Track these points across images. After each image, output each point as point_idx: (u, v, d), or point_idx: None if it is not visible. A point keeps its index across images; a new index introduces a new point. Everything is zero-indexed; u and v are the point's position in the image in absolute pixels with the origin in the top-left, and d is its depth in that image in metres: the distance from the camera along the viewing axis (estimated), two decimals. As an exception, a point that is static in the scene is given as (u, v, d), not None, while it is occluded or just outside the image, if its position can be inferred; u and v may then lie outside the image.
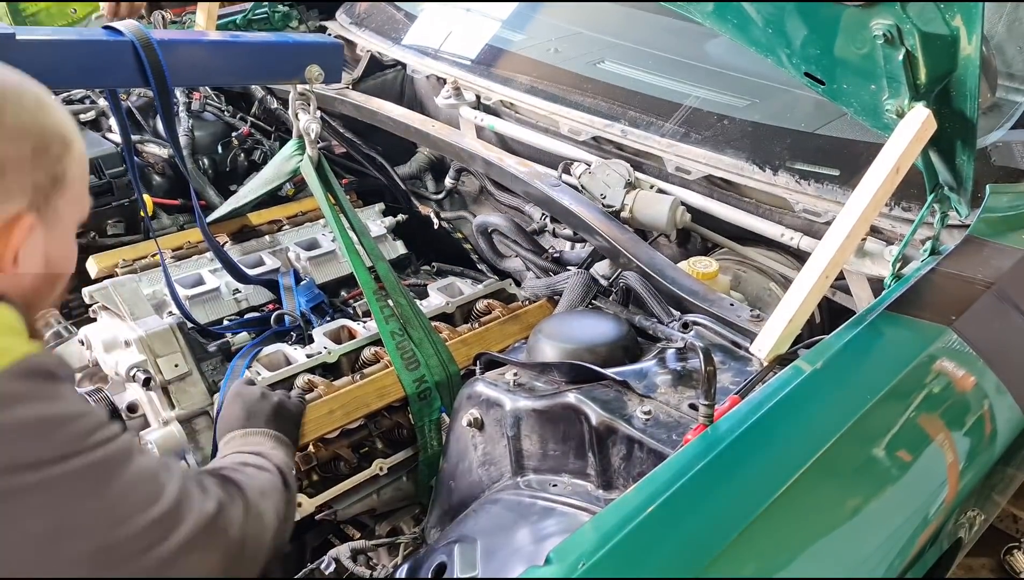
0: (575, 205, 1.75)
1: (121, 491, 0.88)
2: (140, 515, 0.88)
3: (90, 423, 0.89)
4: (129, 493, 0.89)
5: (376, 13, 2.63)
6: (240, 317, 1.81)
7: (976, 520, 1.50)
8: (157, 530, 0.89)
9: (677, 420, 1.24)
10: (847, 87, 1.32)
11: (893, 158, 1.25)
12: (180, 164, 1.73)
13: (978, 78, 1.20)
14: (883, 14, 1.17)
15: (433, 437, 1.54)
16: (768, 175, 1.73)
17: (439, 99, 2.21)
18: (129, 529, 0.87)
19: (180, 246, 1.93)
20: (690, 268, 1.63)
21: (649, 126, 1.92)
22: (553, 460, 1.32)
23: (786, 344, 1.25)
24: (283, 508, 1.14)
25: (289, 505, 1.17)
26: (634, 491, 0.96)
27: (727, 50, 2.07)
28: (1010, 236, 1.55)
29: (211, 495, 0.97)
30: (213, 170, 2.30)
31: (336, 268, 1.99)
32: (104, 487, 0.87)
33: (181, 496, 0.93)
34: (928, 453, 1.21)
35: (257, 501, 1.06)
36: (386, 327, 1.55)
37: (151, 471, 0.93)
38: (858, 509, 1.09)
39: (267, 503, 1.08)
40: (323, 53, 1.65)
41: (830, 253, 1.24)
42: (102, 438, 0.89)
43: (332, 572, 1.35)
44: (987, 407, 1.33)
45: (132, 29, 1.43)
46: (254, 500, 1.05)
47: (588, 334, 1.44)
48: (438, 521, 1.43)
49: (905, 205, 1.59)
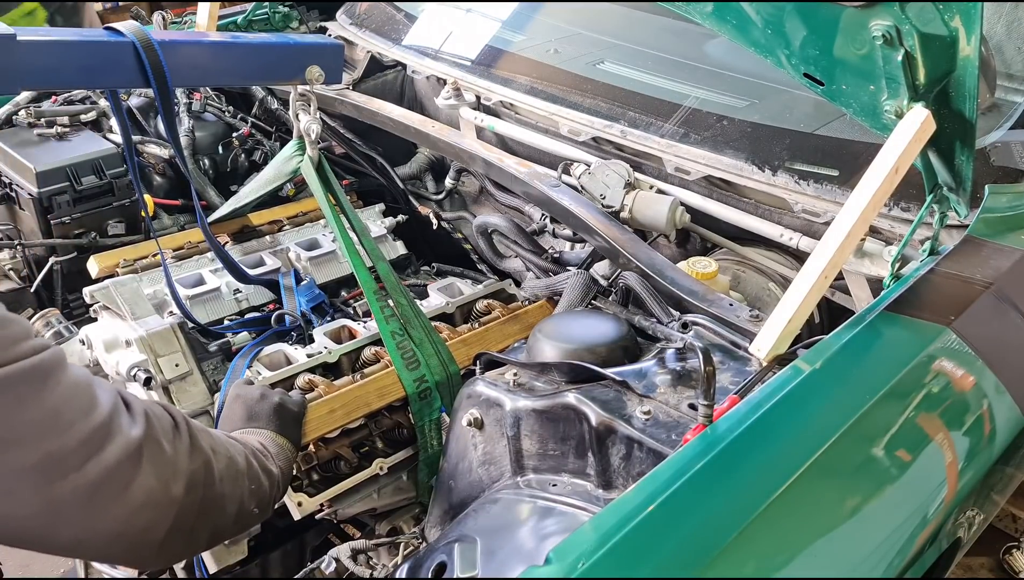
0: (575, 205, 1.76)
1: (61, 398, 0.87)
2: (80, 424, 0.86)
3: (21, 328, 0.87)
4: (68, 401, 0.87)
5: (376, 14, 2.63)
6: (241, 317, 1.82)
7: (975, 520, 1.50)
8: (92, 443, 0.87)
9: (676, 420, 1.24)
10: (846, 88, 1.32)
11: (892, 158, 1.26)
12: (181, 164, 1.73)
13: (977, 79, 1.20)
14: (882, 15, 1.17)
15: (433, 437, 1.54)
16: (767, 175, 1.74)
17: (439, 100, 2.21)
18: (69, 439, 0.85)
19: (181, 246, 1.93)
20: (689, 268, 1.63)
21: (648, 127, 1.92)
22: (553, 460, 1.32)
23: (785, 344, 1.26)
24: (244, 469, 1.10)
25: (261, 474, 1.14)
26: (634, 491, 0.96)
27: (726, 51, 2.07)
28: (1009, 236, 1.55)
29: (138, 420, 0.94)
30: (214, 170, 2.31)
31: (336, 268, 1.99)
32: (43, 394, 0.85)
33: (113, 412, 0.91)
34: (927, 453, 1.21)
35: (188, 434, 1.01)
36: (386, 327, 1.55)
37: (85, 380, 0.91)
38: (857, 509, 1.09)
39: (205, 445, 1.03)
40: (324, 54, 1.65)
41: (829, 253, 1.24)
42: (35, 345, 0.87)
43: (332, 572, 1.36)
44: (986, 407, 1.33)
45: (133, 30, 1.44)
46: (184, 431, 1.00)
47: (588, 334, 1.44)
48: (438, 521, 1.44)
49: (904, 205, 1.59)
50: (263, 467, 1.15)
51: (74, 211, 2.00)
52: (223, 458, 1.05)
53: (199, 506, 0.99)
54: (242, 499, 1.09)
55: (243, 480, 1.09)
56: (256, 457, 1.15)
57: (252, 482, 1.11)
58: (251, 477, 1.11)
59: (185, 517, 0.97)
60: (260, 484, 1.14)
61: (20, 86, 1.40)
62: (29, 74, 1.33)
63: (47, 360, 0.87)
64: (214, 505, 1.02)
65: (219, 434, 1.11)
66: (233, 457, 1.09)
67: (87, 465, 0.86)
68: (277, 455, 1.27)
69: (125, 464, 0.89)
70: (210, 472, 1.01)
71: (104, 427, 0.89)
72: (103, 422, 0.89)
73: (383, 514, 1.58)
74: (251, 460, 1.12)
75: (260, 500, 1.13)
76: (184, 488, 0.96)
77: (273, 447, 1.28)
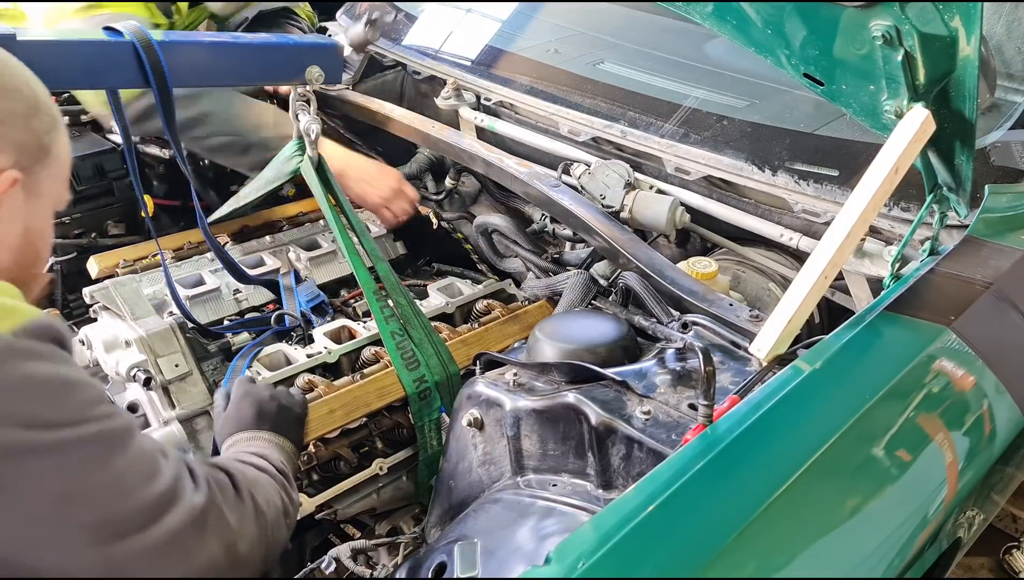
0: (575, 206, 1.76)
1: (126, 464, 0.89)
2: (142, 491, 0.89)
3: (97, 392, 0.90)
4: (132, 467, 0.90)
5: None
6: (240, 317, 1.82)
7: (975, 520, 1.50)
8: (154, 509, 0.89)
9: (676, 420, 1.24)
10: (846, 88, 1.32)
11: (892, 158, 1.25)
12: (181, 165, 1.73)
13: (977, 78, 1.20)
14: (882, 15, 1.17)
15: (433, 437, 1.54)
16: (767, 175, 1.74)
17: (439, 100, 2.21)
18: (131, 504, 0.88)
19: (181, 246, 1.93)
20: (689, 268, 1.63)
21: (648, 127, 1.92)
22: (553, 460, 1.32)
23: (785, 344, 1.25)
24: (281, 507, 1.13)
25: (289, 505, 1.17)
26: (634, 491, 0.96)
27: (726, 51, 2.07)
28: (1009, 236, 1.55)
29: (201, 488, 0.97)
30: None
31: (336, 268, 1.99)
32: (112, 458, 0.88)
33: (176, 481, 0.93)
34: (927, 453, 1.21)
35: (251, 499, 1.05)
36: (386, 327, 1.55)
37: (151, 450, 0.94)
38: (857, 509, 1.09)
39: (262, 502, 1.08)
40: (323, 54, 1.65)
41: (829, 253, 1.24)
42: (109, 410, 0.90)
43: (332, 572, 1.36)
44: (986, 407, 1.33)
45: (132, 30, 1.44)
46: (247, 497, 1.05)
47: (588, 334, 1.44)
48: (438, 521, 1.44)
49: (904, 205, 1.59)
50: (291, 499, 1.18)
51: (74, 211, 2.01)
52: (273, 509, 1.09)
53: (261, 559, 1.04)
54: (280, 537, 1.13)
55: (283, 519, 1.13)
56: (286, 490, 1.17)
57: (287, 518, 1.15)
58: (286, 513, 1.15)
59: (247, 569, 1.01)
60: (292, 518, 1.17)
61: (20, 86, 1.40)
62: (29, 74, 1.33)
63: (118, 427, 0.90)
64: (268, 553, 1.07)
65: (261, 477, 1.13)
66: (274, 503, 1.11)
67: (150, 528, 0.89)
68: (286, 463, 1.28)
69: (189, 530, 0.92)
70: (264, 528, 1.05)
71: (167, 495, 0.91)
72: (166, 489, 0.91)
73: (383, 514, 1.58)
74: (283, 496, 1.15)
75: (290, 528, 1.18)
76: (248, 549, 1.00)
77: (281, 455, 1.28)
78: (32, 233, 1.02)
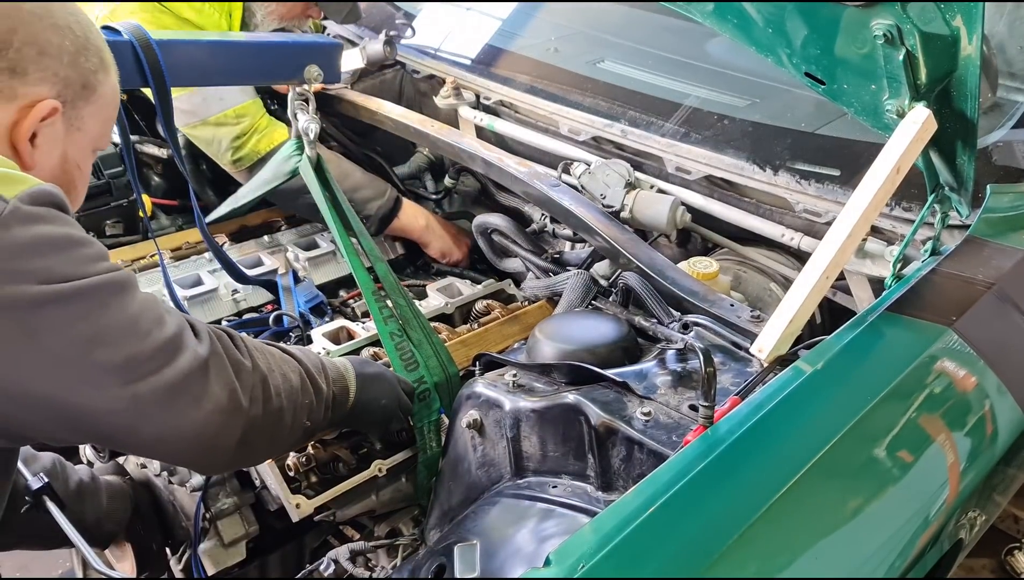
0: (575, 205, 1.75)
1: (138, 308, 0.95)
2: (156, 333, 0.95)
3: (100, 249, 0.97)
4: (144, 311, 0.96)
5: (376, 13, 2.63)
6: (239, 317, 1.81)
7: (977, 521, 1.50)
8: (168, 351, 0.95)
9: (677, 421, 1.24)
10: (847, 87, 1.31)
11: (894, 158, 1.25)
12: (179, 164, 1.73)
13: (979, 78, 1.20)
14: (883, 14, 1.16)
15: (432, 438, 1.53)
16: (768, 175, 1.73)
17: (438, 99, 2.21)
18: (148, 344, 0.94)
19: (179, 246, 1.93)
20: (690, 268, 1.62)
21: (649, 126, 1.92)
22: (553, 461, 1.31)
23: (786, 345, 1.25)
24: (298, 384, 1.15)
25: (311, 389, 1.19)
26: (634, 492, 0.96)
27: (727, 50, 2.07)
28: (1011, 236, 1.54)
29: (204, 339, 1.01)
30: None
31: (335, 269, 1.99)
32: (124, 301, 0.94)
33: (180, 329, 0.99)
34: (929, 454, 1.20)
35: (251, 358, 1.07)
36: (385, 328, 1.55)
37: (153, 298, 1.00)
38: (859, 510, 1.09)
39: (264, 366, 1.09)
40: (322, 53, 1.65)
41: (831, 253, 1.24)
42: (112, 264, 0.97)
43: (331, 573, 1.35)
44: (988, 407, 1.33)
45: (131, 30, 1.43)
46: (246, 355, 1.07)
47: (588, 335, 1.44)
48: (437, 522, 1.43)
49: (906, 205, 1.58)
50: (315, 385, 1.21)
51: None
52: (278, 375, 1.12)
53: (261, 418, 1.06)
54: (295, 412, 1.15)
55: (297, 396, 1.15)
56: (309, 375, 1.20)
57: (305, 397, 1.18)
58: (304, 392, 1.18)
59: (251, 428, 1.04)
60: (311, 399, 1.19)
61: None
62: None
63: (124, 275, 0.97)
64: (273, 418, 1.09)
65: (276, 352, 1.17)
66: (287, 374, 1.15)
67: (164, 370, 0.94)
68: (335, 381, 1.28)
69: (197, 374, 0.97)
70: (267, 388, 1.08)
71: (176, 338, 0.97)
72: (175, 333, 0.97)
73: (382, 516, 1.58)
74: (304, 378, 1.19)
75: (311, 414, 1.19)
76: (248, 401, 1.03)
77: (334, 373, 1.29)
78: (69, 163, 1.09)
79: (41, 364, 0.89)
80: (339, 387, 1.29)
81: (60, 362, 0.90)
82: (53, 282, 0.89)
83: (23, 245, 0.89)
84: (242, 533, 1.49)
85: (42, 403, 0.91)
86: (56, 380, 0.90)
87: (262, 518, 1.52)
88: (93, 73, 1.07)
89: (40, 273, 0.89)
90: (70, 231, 0.95)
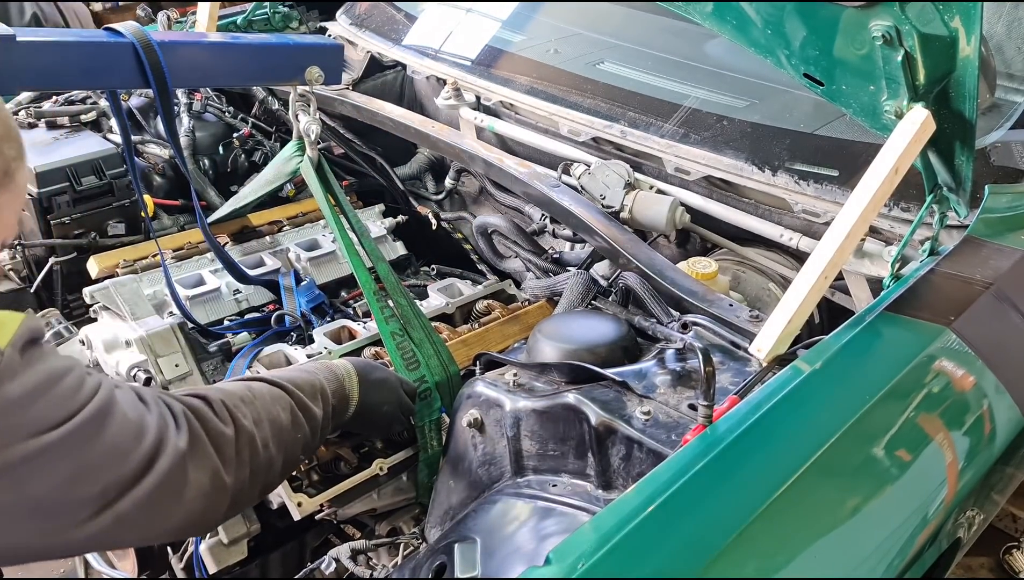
0: (575, 206, 1.76)
1: (117, 430, 0.93)
2: (135, 449, 0.93)
3: (77, 373, 0.94)
4: (123, 430, 0.94)
5: (376, 14, 2.63)
6: (241, 317, 1.81)
7: (975, 520, 1.50)
8: (148, 462, 0.95)
9: (676, 420, 1.24)
10: (846, 88, 1.32)
11: (892, 159, 1.26)
12: (181, 165, 1.73)
13: (977, 79, 1.20)
14: (882, 15, 1.17)
15: (433, 437, 1.54)
16: (767, 176, 1.74)
17: (439, 100, 2.21)
18: (128, 465, 0.92)
19: (181, 246, 1.93)
20: (689, 268, 1.63)
21: (648, 127, 1.92)
22: (553, 460, 1.32)
23: (785, 344, 1.26)
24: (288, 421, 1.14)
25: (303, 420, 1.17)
26: (633, 491, 0.96)
27: (726, 51, 2.07)
28: (1009, 236, 1.55)
29: (182, 427, 0.99)
30: (214, 171, 2.30)
31: (336, 269, 1.99)
32: (105, 430, 0.92)
33: (160, 429, 0.97)
34: (927, 453, 1.21)
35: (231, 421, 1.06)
36: (386, 327, 1.55)
37: (133, 405, 0.97)
38: (857, 509, 1.09)
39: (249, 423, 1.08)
40: (323, 54, 1.65)
41: (829, 253, 1.24)
42: (92, 384, 0.94)
43: (332, 572, 1.36)
44: (986, 407, 1.33)
45: (132, 30, 1.44)
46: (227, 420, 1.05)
47: (588, 334, 1.44)
48: (438, 521, 1.44)
49: (904, 205, 1.59)
50: (307, 414, 1.20)
51: (74, 211, 2.00)
52: (266, 424, 1.11)
53: (248, 480, 1.05)
54: (286, 453, 1.14)
55: (288, 434, 1.14)
56: (301, 405, 1.19)
57: (297, 430, 1.17)
58: (296, 426, 1.17)
59: (238, 493, 1.04)
60: (304, 432, 1.18)
61: (20, 86, 1.40)
62: (28, 75, 1.33)
63: (103, 399, 0.93)
64: (261, 471, 1.08)
65: (264, 392, 1.15)
66: (275, 416, 1.13)
67: (144, 480, 0.93)
68: (335, 392, 1.27)
69: (176, 472, 0.96)
70: (254, 447, 1.07)
71: (155, 445, 0.95)
72: (153, 442, 0.95)
73: (383, 515, 1.58)
74: (294, 411, 1.17)
75: (305, 447, 1.19)
76: (233, 475, 1.03)
77: (334, 383, 1.28)
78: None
79: (20, 513, 0.87)
80: (339, 398, 1.28)
81: (40, 509, 0.88)
82: (42, 433, 0.87)
83: (15, 401, 0.86)
84: (243, 531, 1.50)
85: (21, 550, 0.90)
86: (35, 528, 0.88)
87: (264, 516, 1.52)
88: (13, 160, 1.00)
89: (30, 426, 0.87)
90: (52, 365, 0.91)
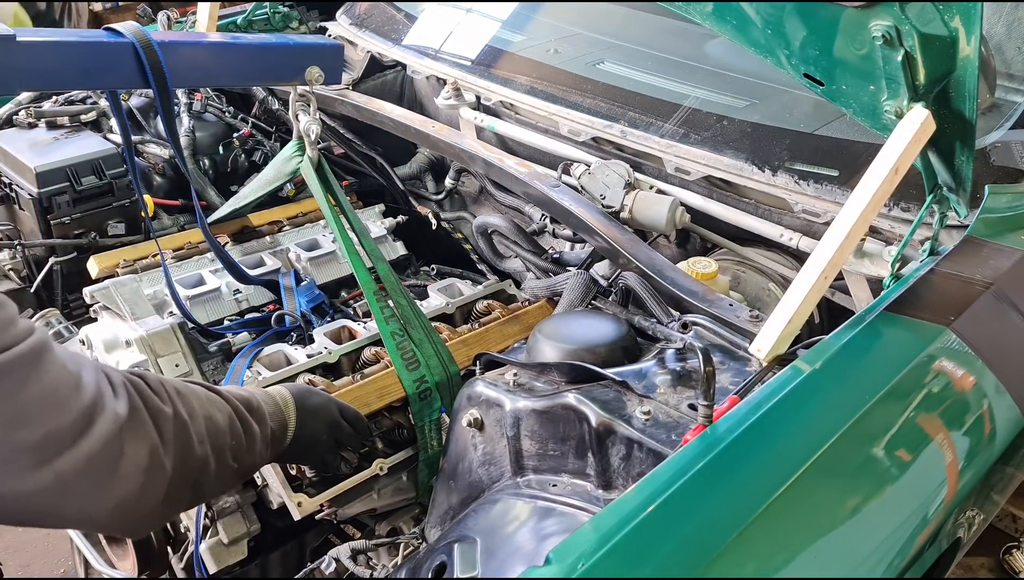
0: (575, 206, 1.76)
1: (54, 376, 0.89)
2: (73, 401, 0.90)
3: (10, 308, 0.89)
4: (60, 378, 0.90)
5: (376, 14, 2.63)
6: (241, 317, 1.82)
7: (975, 520, 1.50)
8: (86, 418, 0.91)
9: (676, 420, 1.24)
10: (846, 88, 1.32)
11: (892, 159, 1.26)
12: (181, 165, 1.73)
13: (977, 79, 1.20)
14: (882, 15, 1.17)
15: (433, 437, 1.54)
16: (767, 176, 1.74)
17: (439, 100, 2.21)
18: (66, 416, 0.89)
19: (181, 246, 1.93)
20: (689, 268, 1.63)
21: (648, 127, 1.92)
22: (553, 460, 1.32)
23: (785, 344, 1.26)
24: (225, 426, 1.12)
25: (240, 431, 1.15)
26: (633, 491, 0.96)
27: (726, 51, 2.07)
28: (1009, 236, 1.55)
29: (120, 394, 0.97)
30: (214, 171, 2.31)
31: (336, 269, 1.99)
32: (40, 373, 0.88)
33: (98, 389, 0.94)
34: (927, 453, 1.21)
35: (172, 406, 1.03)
36: (386, 327, 1.55)
37: (71, 358, 0.94)
38: (857, 509, 1.10)
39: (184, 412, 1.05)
40: (323, 54, 1.65)
41: (829, 253, 1.24)
42: (25, 327, 0.90)
43: (332, 572, 1.36)
44: (986, 407, 1.33)
45: (132, 30, 1.44)
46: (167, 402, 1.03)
47: (588, 334, 1.44)
48: (438, 521, 1.44)
49: (904, 205, 1.59)
50: (245, 424, 1.17)
51: (74, 211, 2.01)
52: (201, 419, 1.08)
53: (182, 470, 1.02)
54: (220, 456, 1.11)
55: (223, 438, 1.12)
56: (239, 414, 1.17)
57: (233, 438, 1.14)
58: (232, 433, 1.14)
59: (174, 483, 1.00)
60: (240, 440, 1.15)
61: (20, 87, 1.40)
62: (28, 75, 1.33)
63: (40, 341, 0.90)
64: (197, 465, 1.05)
65: (201, 393, 1.12)
66: (212, 415, 1.11)
67: (80, 441, 0.90)
68: (272, 415, 1.25)
69: (115, 438, 0.93)
70: (189, 437, 1.04)
71: (93, 403, 0.92)
72: (92, 398, 0.92)
73: (383, 514, 1.58)
74: (232, 418, 1.15)
75: (239, 455, 1.15)
76: (172, 454, 1.00)
77: (271, 406, 1.25)
78: None
79: None
80: (277, 422, 1.25)
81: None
82: None
83: None
84: (243, 531, 1.50)
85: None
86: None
87: (263, 516, 1.53)
88: None
89: None
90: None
